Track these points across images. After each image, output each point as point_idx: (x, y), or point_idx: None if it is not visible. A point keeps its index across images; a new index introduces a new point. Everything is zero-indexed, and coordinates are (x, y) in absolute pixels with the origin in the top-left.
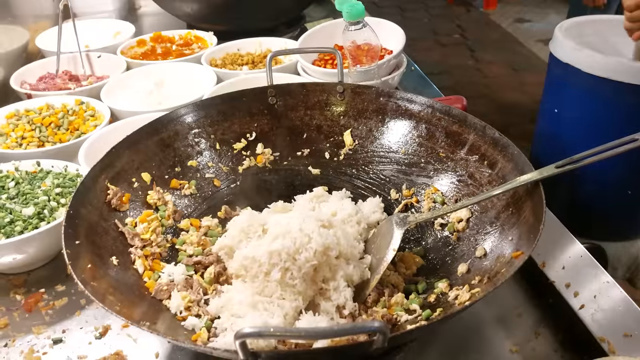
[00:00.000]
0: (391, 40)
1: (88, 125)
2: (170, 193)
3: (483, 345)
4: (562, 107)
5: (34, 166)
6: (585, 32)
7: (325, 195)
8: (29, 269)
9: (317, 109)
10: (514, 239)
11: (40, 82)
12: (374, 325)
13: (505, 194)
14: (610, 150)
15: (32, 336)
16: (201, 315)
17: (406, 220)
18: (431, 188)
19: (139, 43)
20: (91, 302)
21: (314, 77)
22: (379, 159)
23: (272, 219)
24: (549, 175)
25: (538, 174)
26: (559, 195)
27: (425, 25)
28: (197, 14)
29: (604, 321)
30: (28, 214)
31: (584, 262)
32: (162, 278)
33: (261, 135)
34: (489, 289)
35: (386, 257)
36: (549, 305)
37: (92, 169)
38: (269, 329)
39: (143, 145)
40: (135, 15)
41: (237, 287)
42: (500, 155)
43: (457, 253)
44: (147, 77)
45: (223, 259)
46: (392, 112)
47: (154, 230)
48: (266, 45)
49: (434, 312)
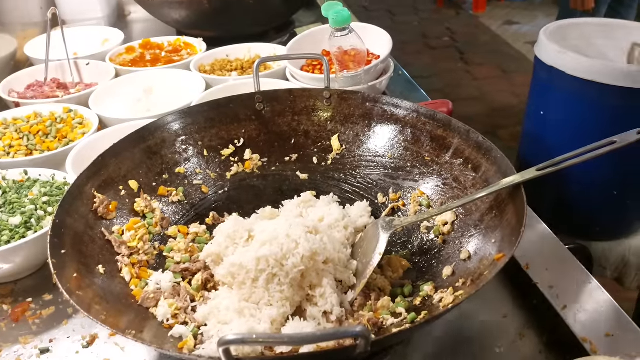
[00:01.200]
0: (378, 45)
1: (76, 133)
2: (158, 200)
3: (468, 347)
4: (547, 109)
5: (21, 175)
6: (569, 35)
7: (312, 200)
8: (15, 278)
9: (304, 114)
10: (496, 242)
11: (29, 90)
12: (356, 330)
13: (488, 196)
14: (589, 153)
15: (19, 346)
16: (188, 323)
17: (392, 224)
18: (417, 191)
19: (128, 50)
20: (78, 311)
21: (302, 82)
22: (366, 163)
23: (258, 226)
24: (531, 178)
25: (520, 177)
26: (545, 196)
27: (415, 28)
28: (186, 21)
29: (586, 321)
30: (15, 223)
31: (567, 263)
32: (149, 286)
33: (249, 141)
34: (472, 291)
35: (372, 261)
36: (533, 306)
37: (79, 178)
38: (251, 335)
39: (130, 153)
40: (125, 22)
41: (224, 293)
42: (484, 158)
43: (442, 256)
44: (135, 84)
45: (210, 266)
46: (378, 117)
47: (141, 238)
48: (255, 51)
49: (419, 315)
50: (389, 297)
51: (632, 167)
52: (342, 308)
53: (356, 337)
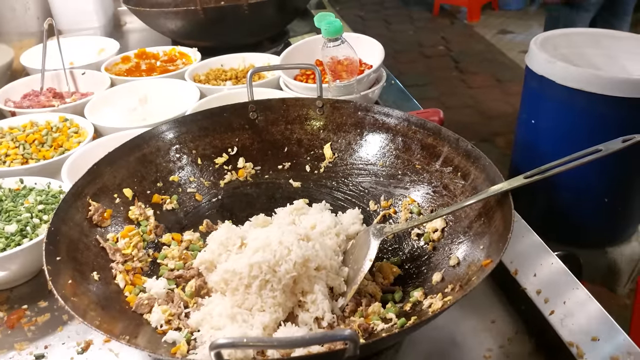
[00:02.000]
0: (371, 55)
1: (72, 142)
2: (152, 208)
3: (457, 352)
4: (538, 117)
5: (17, 183)
6: (560, 45)
7: (305, 208)
8: (11, 285)
9: (297, 123)
10: (484, 248)
11: (25, 100)
12: (344, 334)
13: (477, 204)
14: (575, 161)
15: (15, 352)
16: (182, 329)
17: (383, 231)
18: (408, 199)
19: (124, 60)
20: (73, 318)
21: (295, 91)
22: (358, 171)
23: (251, 233)
24: (518, 185)
25: (507, 184)
26: (535, 204)
27: (410, 37)
28: (182, 31)
29: (573, 326)
30: (11, 231)
31: (555, 269)
32: (143, 293)
33: (242, 150)
34: (459, 296)
35: (363, 268)
36: (521, 311)
37: (74, 186)
38: (242, 339)
39: (125, 161)
40: (121, 32)
41: (216, 300)
42: (472, 166)
43: (432, 262)
44: (131, 93)
45: (203, 273)
46: (370, 125)
47: (135, 245)
48: (249, 61)
49: (408, 320)
50: (379, 303)
51: (622, 175)
52: (334, 314)
53: (345, 340)
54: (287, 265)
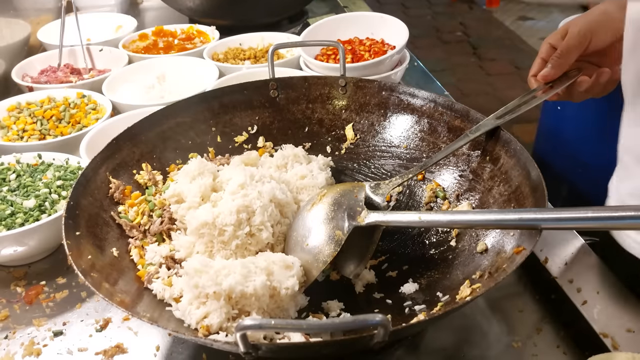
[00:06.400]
0: (394, 36)
1: (90, 119)
2: (162, 174)
3: (484, 340)
4: (564, 104)
5: (35, 159)
6: None
7: (304, 157)
8: (29, 261)
9: (318, 102)
10: (515, 235)
11: (42, 75)
12: (376, 319)
13: (506, 189)
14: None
15: (33, 328)
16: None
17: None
18: (433, 183)
19: (141, 37)
20: (92, 295)
21: (316, 71)
22: (381, 153)
23: (224, 173)
24: (493, 127)
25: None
26: (562, 193)
27: (428, 22)
28: (200, 9)
29: (607, 317)
30: (29, 206)
31: (586, 258)
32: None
33: (262, 129)
34: (490, 285)
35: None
36: (550, 301)
37: (93, 161)
38: (270, 321)
39: (144, 137)
40: (138, 10)
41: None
42: (502, 150)
43: (458, 248)
44: (148, 71)
45: (172, 206)
46: (395, 106)
47: (143, 212)
48: (268, 40)
49: (435, 307)
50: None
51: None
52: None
53: (375, 326)
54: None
